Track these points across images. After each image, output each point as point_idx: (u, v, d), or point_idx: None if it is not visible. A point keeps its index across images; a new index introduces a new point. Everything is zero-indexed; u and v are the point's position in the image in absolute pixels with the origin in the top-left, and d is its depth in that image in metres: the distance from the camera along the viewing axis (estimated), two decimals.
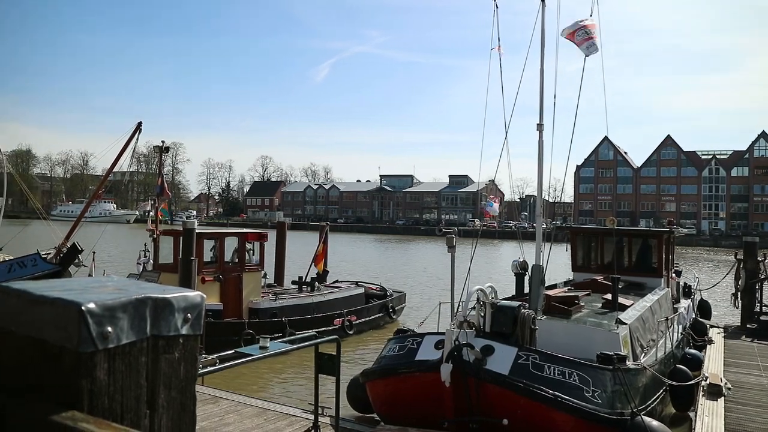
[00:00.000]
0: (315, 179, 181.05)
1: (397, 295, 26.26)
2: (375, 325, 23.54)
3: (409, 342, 10.80)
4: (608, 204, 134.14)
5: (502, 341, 9.90)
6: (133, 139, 25.19)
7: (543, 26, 14.08)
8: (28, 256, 24.12)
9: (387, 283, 28.50)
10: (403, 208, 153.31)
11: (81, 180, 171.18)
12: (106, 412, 1.12)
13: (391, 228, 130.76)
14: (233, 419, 10.31)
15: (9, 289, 1.20)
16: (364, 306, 23.63)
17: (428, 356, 10.03)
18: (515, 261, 16.06)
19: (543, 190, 14.42)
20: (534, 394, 9.16)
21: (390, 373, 10.66)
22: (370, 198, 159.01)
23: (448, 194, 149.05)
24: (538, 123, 14.03)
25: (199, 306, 1.25)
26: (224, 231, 22.53)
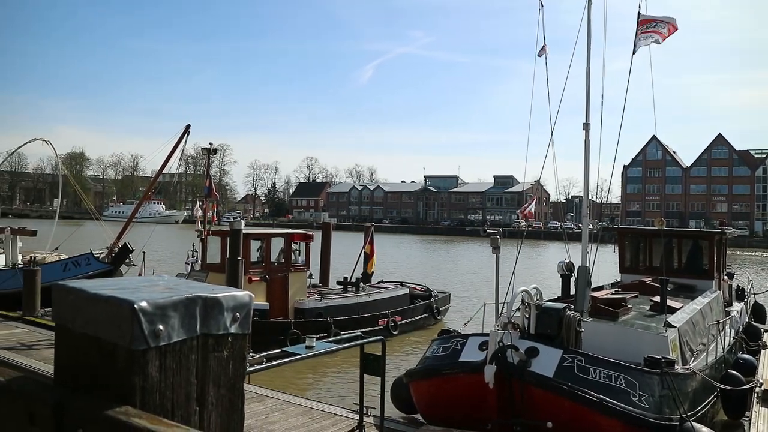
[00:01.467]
0: (360, 180, 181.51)
1: (442, 295, 26.19)
2: (419, 326, 23.51)
3: (453, 343, 10.78)
4: (656, 204, 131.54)
5: (546, 343, 9.81)
6: (181, 141, 25.55)
7: (589, 24, 13.91)
8: (82, 255, 24.71)
9: (432, 284, 28.44)
10: (447, 208, 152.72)
11: (131, 181, 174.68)
12: (157, 408, 1.15)
13: (435, 229, 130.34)
14: (279, 418, 10.41)
15: (66, 287, 1.24)
16: (408, 306, 23.63)
17: (472, 357, 9.99)
18: (561, 262, 15.89)
19: (589, 191, 14.25)
20: (579, 397, 9.05)
21: (434, 373, 10.66)
22: (414, 199, 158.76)
23: (493, 195, 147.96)
24: (585, 122, 13.85)
25: (247, 305, 1.27)
26: (270, 231, 22.76)
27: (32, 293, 19.92)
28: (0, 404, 1.32)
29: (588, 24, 13.89)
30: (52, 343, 5.32)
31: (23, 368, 11.98)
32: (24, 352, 14.42)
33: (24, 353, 14.34)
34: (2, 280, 23.35)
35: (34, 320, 18.79)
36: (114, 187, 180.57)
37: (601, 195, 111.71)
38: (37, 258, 23.63)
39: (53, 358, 4.75)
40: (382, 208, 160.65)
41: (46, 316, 19.34)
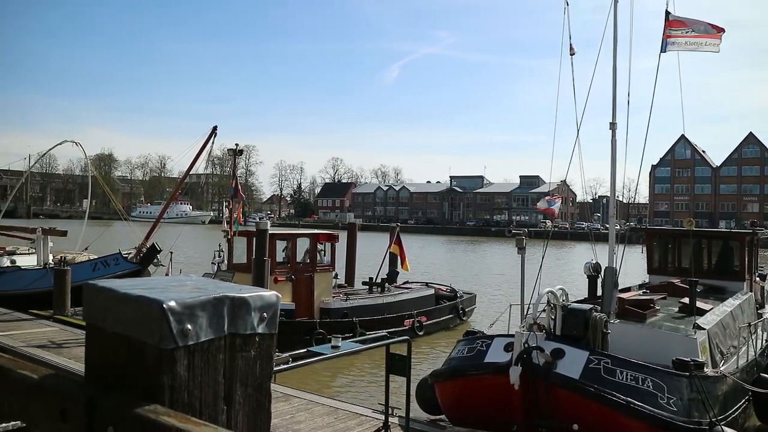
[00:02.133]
0: (385, 180, 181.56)
1: (468, 296, 26.12)
2: (445, 327, 23.48)
3: (478, 344, 10.75)
4: (685, 205, 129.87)
5: (572, 344, 9.74)
6: (208, 142, 25.74)
7: (615, 22, 13.79)
8: (111, 255, 25.01)
9: (457, 285, 28.38)
10: (473, 209, 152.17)
11: (159, 182, 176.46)
12: (185, 406, 1.16)
13: (461, 229, 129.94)
14: (304, 417, 10.44)
15: (96, 287, 1.25)
16: (434, 307, 23.60)
17: (497, 358, 9.95)
18: (588, 263, 15.76)
19: (616, 191, 14.13)
20: (605, 399, 8.97)
21: (458, 374, 10.64)
22: (440, 199, 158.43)
23: (519, 195, 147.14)
24: (611, 122, 13.74)
25: (274, 305, 1.28)
26: (296, 232, 22.87)
27: (63, 292, 20.22)
28: (33, 401, 1.34)
29: (614, 22, 13.78)
30: (82, 341, 5.39)
31: (55, 366, 12.15)
32: (55, 351, 14.63)
33: (55, 351, 14.55)
34: (34, 279, 23.74)
35: (64, 319, 19.07)
36: (142, 188, 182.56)
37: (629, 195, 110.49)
38: (67, 258, 23.98)
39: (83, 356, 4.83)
40: (408, 209, 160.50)
41: (76, 315, 19.63)
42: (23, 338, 15.84)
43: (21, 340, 15.51)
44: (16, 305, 20.68)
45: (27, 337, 15.97)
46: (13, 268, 25.42)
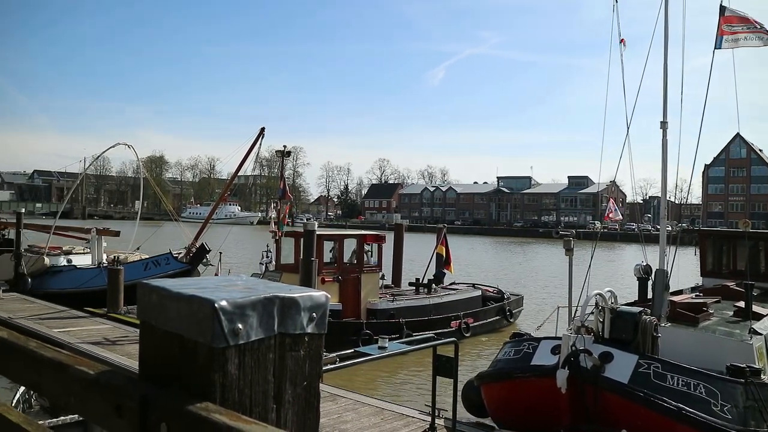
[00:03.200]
0: (432, 181, 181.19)
1: (515, 298, 25.92)
2: (492, 328, 23.32)
3: (524, 346, 10.66)
4: (740, 205, 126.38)
5: (621, 348, 9.57)
6: (256, 144, 26.04)
7: (666, 19, 13.51)
8: (162, 255, 25.49)
9: (504, 286, 28.17)
10: (520, 209, 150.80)
11: (208, 184, 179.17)
12: (236, 404, 1.17)
13: (508, 230, 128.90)
14: (351, 417, 10.49)
15: (150, 286, 1.27)
16: (481, 309, 23.47)
17: (544, 361, 9.85)
18: (638, 265, 15.47)
19: (668, 191, 13.85)
20: (656, 405, 8.79)
21: (505, 377, 10.56)
22: (487, 200, 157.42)
23: (567, 196, 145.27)
24: (662, 120, 13.47)
25: (323, 306, 1.29)
26: (343, 233, 22.98)
27: (116, 291, 20.70)
28: (90, 396, 1.39)
29: (665, 18, 13.51)
30: (135, 339, 5.63)
31: (110, 362, 12.45)
32: (109, 347, 14.99)
33: (109, 348, 14.90)
34: (88, 278, 24.37)
35: (117, 317, 19.51)
36: (191, 189, 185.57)
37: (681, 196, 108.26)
38: (120, 257, 24.55)
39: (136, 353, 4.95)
40: (455, 210, 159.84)
41: (128, 313, 20.06)
42: (79, 335, 16.26)
43: (77, 337, 15.92)
44: (72, 303, 21.25)
45: (82, 334, 16.39)
46: (69, 267, 26.15)
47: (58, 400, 1.63)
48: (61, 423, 8.43)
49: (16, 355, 1.80)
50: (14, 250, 25.58)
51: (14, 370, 1.83)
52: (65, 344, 14.68)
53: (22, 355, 1.76)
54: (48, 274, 25.42)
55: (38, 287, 24.30)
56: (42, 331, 16.38)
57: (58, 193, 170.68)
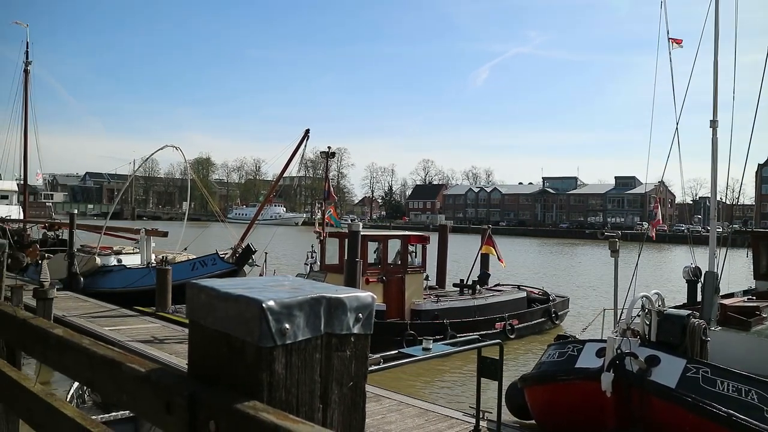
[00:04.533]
0: (476, 182, 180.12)
1: (560, 300, 25.61)
2: (537, 330, 23.09)
3: (569, 348, 10.53)
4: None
5: (669, 352, 9.39)
6: (301, 145, 26.17)
7: (717, 14, 13.23)
8: (209, 255, 25.80)
9: (550, 288, 27.88)
10: (566, 210, 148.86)
11: (254, 185, 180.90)
12: (283, 404, 1.18)
13: (554, 231, 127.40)
14: (395, 418, 10.50)
15: (198, 285, 1.29)
16: (526, 310, 23.25)
17: (589, 364, 9.73)
18: (687, 267, 15.17)
19: (718, 191, 13.56)
20: (705, 411, 8.60)
21: (549, 379, 10.46)
22: (532, 200, 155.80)
23: (614, 196, 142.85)
24: (712, 119, 13.20)
25: (369, 306, 1.29)
26: (387, 233, 23.00)
27: (164, 291, 21.07)
28: (141, 393, 1.43)
29: (716, 13, 13.22)
30: (183, 338, 5.74)
31: (158, 361, 12.69)
32: (157, 346, 15.27)
33: (157, 346, 15.18)
34: (138, 277, 24.84)
35: (165, 316, 19.87)
36: (238, 191, 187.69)
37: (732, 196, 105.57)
38: (168, 257, 24.97)
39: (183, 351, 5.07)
40: (499, 210, 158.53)
41: (176, 312, 20.41)
42: (128, 333, 16.61)
43: (127, 335, 16.27)
44: (122, 302, 21.71)
45: (132, 333, 16.73)
46: (119, 267, 26.70)
47: (110, 397, 1.67)
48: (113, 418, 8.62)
49: (71, 352, 1.86)
50: (68, 249, 26.22)
51: (69, 366, 1.89)
52: (116, 342, 15.01)
53: (77, 352, 1.81)
54: (99, 273, 26.00)
55: (90, 286, 24.87)
56: (94, 329, 16.78)
57: (108, 195, 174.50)
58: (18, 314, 2.49)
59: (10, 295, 14.54)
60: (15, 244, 28.70)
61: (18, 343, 2.44)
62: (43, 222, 41.44)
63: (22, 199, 50.14)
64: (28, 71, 46.15)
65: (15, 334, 2.45)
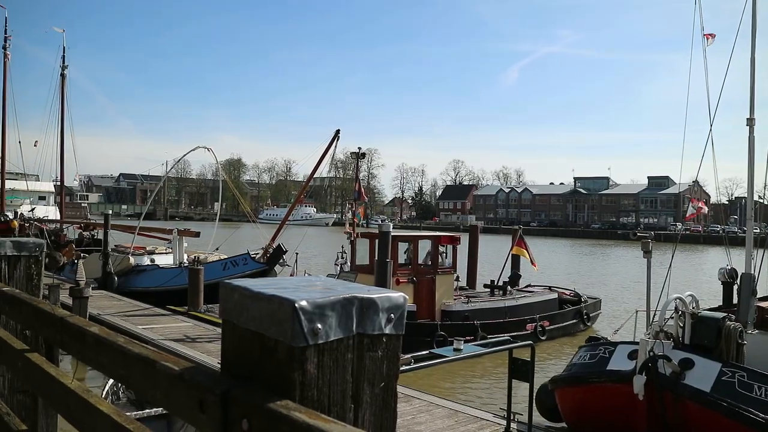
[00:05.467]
0: (507, 182, 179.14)
1: (592, 301, 25.35)
2: (568, 332, 22.88)
3: (600, 350, 10.42)
4: None
5: (703, 355, 9.23)
6: (331, 146, 26.27)
7: (754, 9, 13.00)
8: (240, 255, 26.01)
9: (581, 289, 27.63)
10: (598, 211, 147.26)
11: (284, 186, 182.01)
12: (314, 403, 1.19)
13: (585, 232, 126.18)
14: (425, 419, 10.48)
15: (232, 285, 1.30)
16: (557, 312, 23.07)
17: (620, 366, 9.61)
18: (722, 269, 14.92)
19: (755, 191, 13.33)
20: (741, 416, 8.43)
21: (580, 381, 10.36)
22: (563, 201, 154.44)
23: (647, 196, 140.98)
24: (749, 117, 12.97)
25: (401, 307, 1.29)
26: (418, 234, 22.97)
27: (196, 290, 21.29)
28: (175, 391, 1.45)
29: (753, 8, 12.99)
30: (214, 336, 5.80)
31: (190, 359, 12.82)
32: (189, 344, 15.43)
33: (189, 345, 15.35)
34: (170, 277, 25.13)
35: (198, 315, 20.07)
36: (268, 191, 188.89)
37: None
38: (200, 257, 25.21)
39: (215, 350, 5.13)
40: (530, 211, 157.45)
41: (208, 311, 20.61)
42: (161, 332, 16.81)
43: (159, 334, 16.47)
44: (155, 301, 21.99)
45: (165, 331, 16.94)
46: (152, 267, 27.05)
47: (144, 394, 1.70)
48: (146, 415, 8.74)
49: (107, 350, 1.90)
50: (102, 249, 26.63)
51: (105, 363, 1.92)
52: (149, 340, 15.21)
53: (112, 350, 1.85)
54: (133, 273, 26.36)
55: (124, 285, 25.24)
56: (128, 327, 17.02)
57: (141, 195, 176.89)
58: (56, 312, 2.54)
59: (48, 294, 14.81)
60: (52, 244, 29.21)
61: (56, 340, 2.48)
62: (78, 222, 42.17)
63: (58, 200, 51.09)
64: (64, 75, 47.06)
65: (53, 332, 2.50)
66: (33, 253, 4.41)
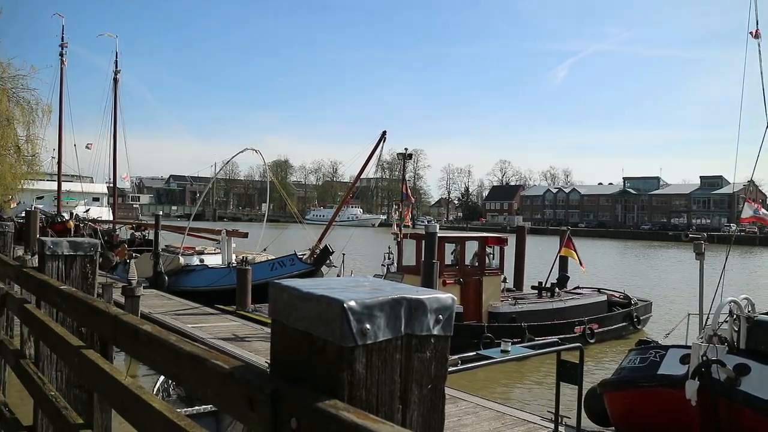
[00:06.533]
0: (554, 183, 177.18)
1: (643, 304, 24.88)
2: (617, 335, 22.50)
3: (651, 354, 10.22)
4: None
5: (760, 361, 8.98)
6: (378, 147, 26.32)
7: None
8: (287, 256, 26.25)
9: (631, 291, 27.15)
10: (648, 211, 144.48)
11: (331, 186, 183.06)
12: (363, 403, 1.19)
13: (635, 233, 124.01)
14: (471, 421, 10.42)
15: (281, 285, 1.32)
16: (606, 314, 22.72)
17: (672, 371, 9.41)
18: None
19: None
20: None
21: (630, 385, 10.18)
22: (612, 201, 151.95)
23: (700, 197, 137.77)
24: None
25: (450, 308, 1.28)
26: (465, 235, 22.86)
27: (244, 290, 21.56)
28: (225, 389, 1.47)
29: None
30: (262, 336, 5.89)
31: (240, 358, 12.99)
32: (237, 343, 15.64)
33: (238, 344, 15.55)
34: (219, 277, 25.50)
35: (245, 314, 20.32)
36: (315, 192, 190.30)
37: None
38: (248, 258, 25.52)
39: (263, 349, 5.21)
40: (578, 212, 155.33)
41: (255, 311, 20.85)
42: (210, 331, 17.07)
43: (208, 333, 16.72)
44: (204, 300, 22.33)
45: (213, 330, 17.19)
46: (201, 267, 27.49)
47: (195, 391, 1.73)
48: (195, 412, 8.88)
49: (159, 348, 1.93)
50: (153, 250, 27.17)
51: (158, 361, 1.96)
52: (198, 339, 15.46)
53: (165, 348, 1.88)
54: (183, 272, 26.83)
55: (174, 285, 25.69)
56: (178, 326, 17.32)
57: (191, 197, 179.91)
58: (110, 310, 2.61)
59: (101, 293, 15.18)
60: (105, 244, 29.90)
61: (110, 337, 2.55)
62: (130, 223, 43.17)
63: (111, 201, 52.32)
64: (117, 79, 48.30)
65: (108, 329, 2.56)
66: (88, 253, 4.53)
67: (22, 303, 4.38)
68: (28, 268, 4.69)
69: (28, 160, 34.34)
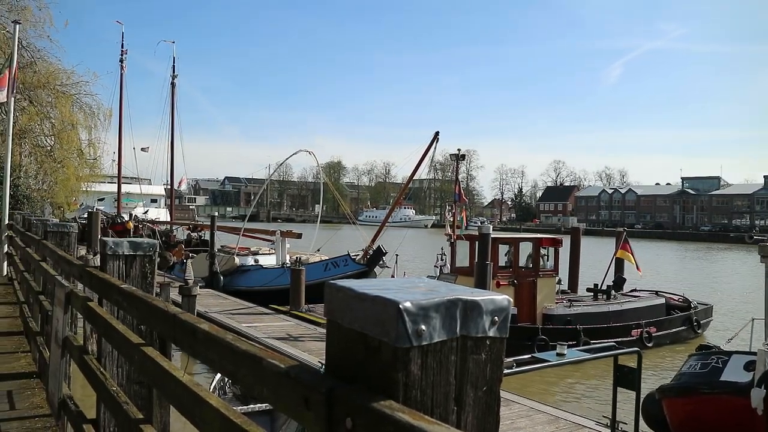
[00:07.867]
0: (610, 183, 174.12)
1: (703, 307, 24.24)
2: (676, 339, 21.97)
3: (713, 360, 9.94)
4: None
5: None
6: (431, 148, 26.30)
7: None
8: (341, 256, 26.43)
9: (691, 294, 26.50)
10: (708, 212, 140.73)
11: (383, 188, 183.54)
12: (418, 404, 1.19)
13: (694, 234, 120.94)
14: (524, 424, 10.31)
15: (336, 286, 1.32)
16: (664, 318, 22.21)
17: (735, 378, 9.14)
18: None
19: None
20: None
21: (690, 392, 9.93)
22: (670, 202, 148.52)
23: (763, 197, 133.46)
24: None
25: (505, 309, 1.28)
26: (519, 236, 22.65)
27: (298, 290, 21.77)
28: (281, 388, 1.48)
29: None
30: (316, 336, 5.94)
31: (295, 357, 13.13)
32: (291, 343, 15.79)
33: (292, 344, 15.71)
34: (273, 277, 25.82)
35: (299, 314, 20.52)
36: (368, 193, 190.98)
37: None
38: (301, 258, 25.77)
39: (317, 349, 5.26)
40: (635, 213, 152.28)
41: (309, 311, 21.03)
42: (264, 330, 17.28)
43: (263, 332, 16.93)
44: (258, 300, 22.64)
45: (268, 330, 17.40)
46: (256, 267, 27.88)
47: (251, 390, 1.75)
48: (250, 410, 9.00)
49: (216, 346, 1.96)
50: (209, 250, 27.67)
51: (214, 359, 1.99)
52: (253, 338, 15.66)
53: (222, 346, 1.91)
54: (238, 272, 27.26)
55: (229, 285, 26.13)
56: (233, 325, 17.59)
57: (245, 198, 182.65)
58: (169, 309, 2.66)
59: (159, 292, 15.53)
60: (163, 245, 30.58)
61: (169, 335, 2.60)
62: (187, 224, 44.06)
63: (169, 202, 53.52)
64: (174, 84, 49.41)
65: (166, 328, 2.62)
66: (147, 253, 4.64)
67: (85, 301, 4.50)
68: (91, 268, 4.83)
69: (90, 163, 35.44)
